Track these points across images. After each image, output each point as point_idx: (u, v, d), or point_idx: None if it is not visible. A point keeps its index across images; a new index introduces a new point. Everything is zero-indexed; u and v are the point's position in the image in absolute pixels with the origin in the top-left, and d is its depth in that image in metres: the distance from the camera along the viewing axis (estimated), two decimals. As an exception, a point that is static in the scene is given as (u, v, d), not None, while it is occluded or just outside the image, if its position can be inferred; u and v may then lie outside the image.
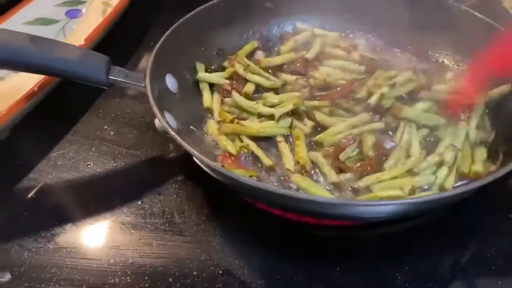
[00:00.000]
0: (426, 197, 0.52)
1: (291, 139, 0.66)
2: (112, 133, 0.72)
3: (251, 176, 0.59)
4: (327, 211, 0.52)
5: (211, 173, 0.56)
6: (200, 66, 0.76)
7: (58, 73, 0.61)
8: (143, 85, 0.62)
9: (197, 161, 0.57)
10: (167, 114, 0.63)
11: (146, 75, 0.62)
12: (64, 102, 0.76)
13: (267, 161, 0.62)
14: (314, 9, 0.84)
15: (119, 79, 0.62)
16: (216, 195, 0.61)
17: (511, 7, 1.03)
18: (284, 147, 0.64)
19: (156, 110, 0.58)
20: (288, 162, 0.62)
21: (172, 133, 0.55)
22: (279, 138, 0.66)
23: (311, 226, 0.58)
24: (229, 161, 0.62)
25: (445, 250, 0.57)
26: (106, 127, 0.73)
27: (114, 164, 0.67)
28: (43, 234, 0.58)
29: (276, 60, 0.79)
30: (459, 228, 0.59)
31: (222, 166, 0.60)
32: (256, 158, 0.63)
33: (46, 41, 0.59)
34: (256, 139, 0.65)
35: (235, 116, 0.69)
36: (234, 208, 0.60)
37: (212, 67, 0.78)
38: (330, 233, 0.59)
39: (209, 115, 0.71)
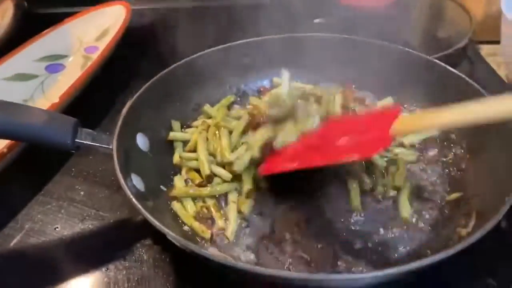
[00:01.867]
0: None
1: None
2: (82, 193, 0.71)
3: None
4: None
5: (176, 244, 0.54)
6: (175, 124, 0.76)
7: (22, 138, 0.60)
8: (110, 147, 0.61)
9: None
10: (134, 176, 0.61)
11: (114, 139, 0.61)
12: (36, 162, 0.75)
13: (220, 222, 0.61)
14: (290, 64, 0.84)
15: (86, 142, 0.61)
16: (184, 261, 0.59)
17: (489, 54, 1.04)
18: (232, 209, 0.63)
19: (120, 175, 0.57)
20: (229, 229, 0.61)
21: (134, 201, 0.54)
22: (231, 197, 0.64)
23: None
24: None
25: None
26: (77, 187, 0.72)
27: (82, 227, 0.66)
28: (3, 305, 0.56)
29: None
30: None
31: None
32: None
33: (9, 105, 0.59)
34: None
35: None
36: (202, 276, 0.58)
37: (188, 123, 0.78)
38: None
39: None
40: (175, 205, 0.63)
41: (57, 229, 0.65)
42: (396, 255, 0.58)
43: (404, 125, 0.55)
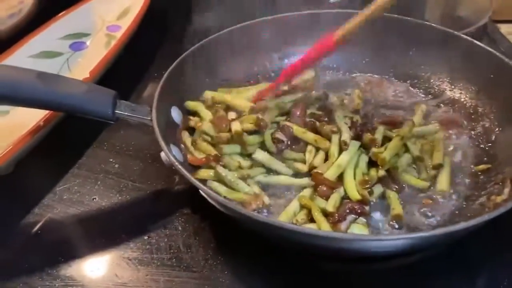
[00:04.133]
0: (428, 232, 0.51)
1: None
2: (117, 166, 0.72)
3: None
4: (340, 246, 0.52)
5: (218, 207, 0.55)
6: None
7: (65, 108, 0.61)
8: (149, 119, 0.62)
9: (203, 194, 0.56)
10: (173, 147, 0.63)
11: (153, 109, 0.62)
12: (68, 136, 0.76)
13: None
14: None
15: (126, 113, 0.62)
16: (223, 228, 0.61)
17: (509, 32, 1.05)
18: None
19: (162, 144, 0.58)
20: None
21: (179, 167, 0.55)
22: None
23: (322, 259, 0.58)
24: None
25: (455, 282, 0.56)
26: (111, 160, 0.73)
27: (120, 198, 0.67)
28: (49, 271, 0.57)
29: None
30: (469, 260, 0.58)
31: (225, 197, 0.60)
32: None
33: (52, 77, 0.60)
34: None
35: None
36: (243, 242, 0.59)
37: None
38: (346, 267, 0.58)
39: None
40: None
41: (95, 199, 0.67)
42: (429, 223, 0.59)
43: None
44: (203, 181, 0.61)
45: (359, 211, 0.58)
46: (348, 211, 0.58)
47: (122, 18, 1.04)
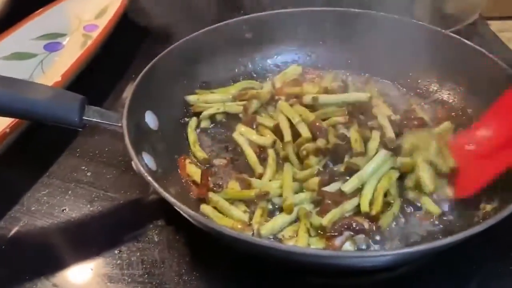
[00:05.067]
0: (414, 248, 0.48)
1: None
2: (89, 174, 0.68)
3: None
4: (316, 262, 0.48)
5: (190, 220, 0.52)
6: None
7: (28, 116, 0.57)
8: (120, 125, 0.59)
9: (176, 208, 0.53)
10: (145, 155, 0.59)
11: (123, 115, 0.59)
12: (39, 142, 0.72)
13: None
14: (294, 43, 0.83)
15: (94, 119, 0.59)
16: (199, 241, 0.57)
17: (499, 30, 1.02)
18: None
19: (132, 152, 0.54)
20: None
21: (149, 178, 0.51)
22: None
23: (300, 273, 0.54)
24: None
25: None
26: (83, 167, 0.69)
27: (91, 209, 0.63)
28: (11, 290, 0.54)
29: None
30: (459, 270, 0.55)
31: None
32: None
33: (13, 81, 0.56)
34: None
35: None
36: (219, 255, 0.56)
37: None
38: (321, 281, 0.55)
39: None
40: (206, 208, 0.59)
41: (65, 211, 0.63)
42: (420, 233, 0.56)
43: None
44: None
45: (357, 228, 0.54)
46: (345, 226, 0.54)
47: (100, 17, 1.00)
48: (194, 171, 0.63)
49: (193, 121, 0.72)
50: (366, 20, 0.81)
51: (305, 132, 0.65)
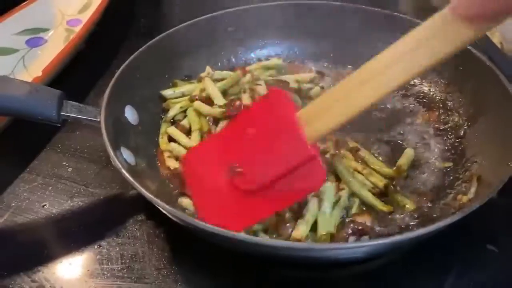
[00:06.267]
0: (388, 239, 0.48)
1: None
2: (70, 169, 0.68)
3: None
4: (294, 255, 0.49)
5: (170, 217, 0.52)
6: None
7: (4, 111, 0.57)
8: (98, 120, 0.58)
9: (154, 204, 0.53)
10: (124, 150, 0.59)
11: (101, 110, 0.59)
12: (19, 138, 0.72)
13: None
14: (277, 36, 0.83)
15: (72, 115, 0.59)
16: (178, 236, 0.57)
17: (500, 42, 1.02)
18: None
19: (109, 148, 0.54)
20: None
21: (126, 174, 0.51)
22: None
23: (281, 267, 0.55)
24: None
25: (422, 286, 0.54)
26: (64, 163, 0.69)
27: (71, 204, 0.63)
28: (-11, 286, 0.53)
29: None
30: (436, 262, 0.56)
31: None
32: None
33: (-11, 77, 0.56)
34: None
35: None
36: (198, 250, 0.56)
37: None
38: (303, 274, 0.55)
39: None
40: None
41: (45, 206, 0.63)
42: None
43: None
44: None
45: (362, 230, 0.54)
46: (350, 231, 0.54)
47: (84, 11, 0.99)
48: (172, 165, 0.63)
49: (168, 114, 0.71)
50: (350, 14, 0.81)
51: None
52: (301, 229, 0.52)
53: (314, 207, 0.54)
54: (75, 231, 0.60)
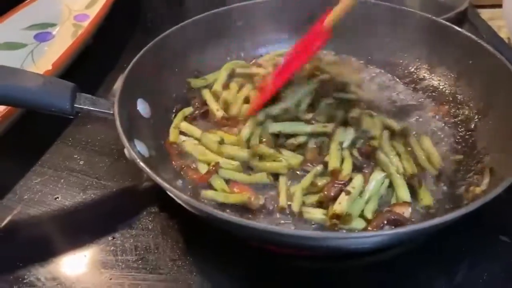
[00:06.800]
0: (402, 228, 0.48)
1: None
2: (82, 162, 0.68)
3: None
4: (307, 244, 0.49)
5: (184, 206, 0.52)
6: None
7: (20, 103, 0.57)
8: (111, 112, 0.59)
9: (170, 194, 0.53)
10: (137, 142, 0.59)
11: (115, 102, 0.59)
12: (31, 131, 0.72)
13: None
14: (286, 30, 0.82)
15: (86, 107, 0.59)
16: (192, 227, 0.58)
17: (490, 18, 1.03)
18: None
19: (124, 139, 0.54)
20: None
21: (141, 164, 0.51)
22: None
23: (293, 257, 0.55)
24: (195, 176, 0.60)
25: (434, 277, 0.54)
26: (76, 156, 0.69)
27: (84, 197, 0.63)
28: (6, 277, 0.54)
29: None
30: (448, 253, 0.56)
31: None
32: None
33: (4, 69, 0.56)
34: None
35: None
36: (212, 241, 0.56)
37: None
38: (313, 265, 0.55)
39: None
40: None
41: (57, 199, 0.63)
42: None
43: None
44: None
45: (399, 221, 0.54)
46: (385, 221, 0.54)
47: (91, 6, 0.99)
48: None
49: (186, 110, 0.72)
50: (358, 8, 0.81)
51: None
52: (344, 204, 0.53)
53: (359, 182, 0.56)
54: (88, 223, 0.61)
